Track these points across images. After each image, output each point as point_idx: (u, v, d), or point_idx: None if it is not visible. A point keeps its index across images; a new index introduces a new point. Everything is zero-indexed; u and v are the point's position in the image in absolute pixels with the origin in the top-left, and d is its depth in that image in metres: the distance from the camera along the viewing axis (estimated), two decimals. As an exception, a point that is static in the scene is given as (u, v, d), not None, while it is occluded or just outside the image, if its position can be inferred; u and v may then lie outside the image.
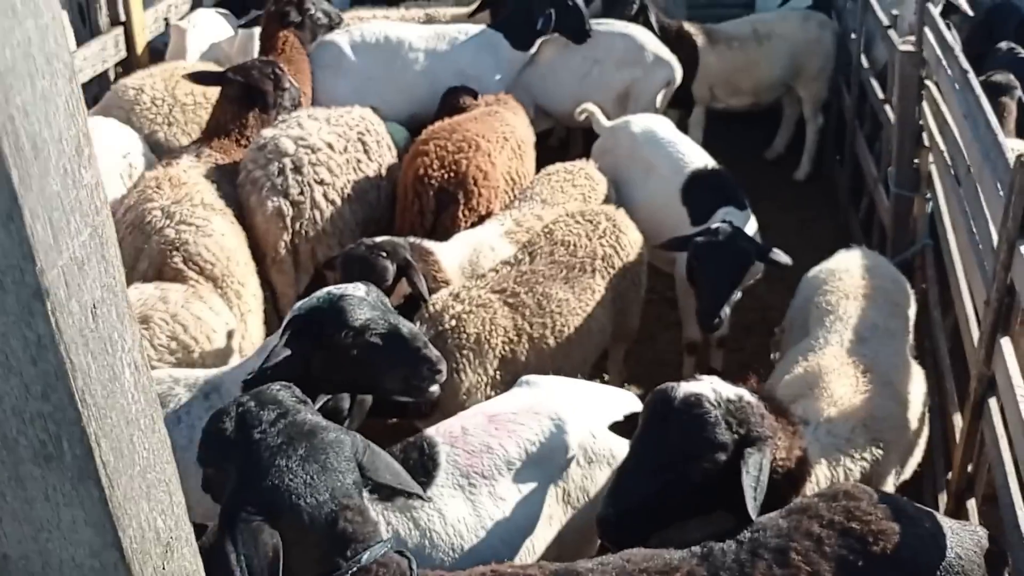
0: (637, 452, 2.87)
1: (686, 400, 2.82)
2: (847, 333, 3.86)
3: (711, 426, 2.77)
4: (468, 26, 7.35)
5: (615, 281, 4.70)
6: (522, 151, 5.89)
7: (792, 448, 3.03)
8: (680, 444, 2.77)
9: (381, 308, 3.23)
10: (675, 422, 2.79)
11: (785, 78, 8.42)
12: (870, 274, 4.23)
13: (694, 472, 2.78)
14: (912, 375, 3.80)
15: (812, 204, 8.58)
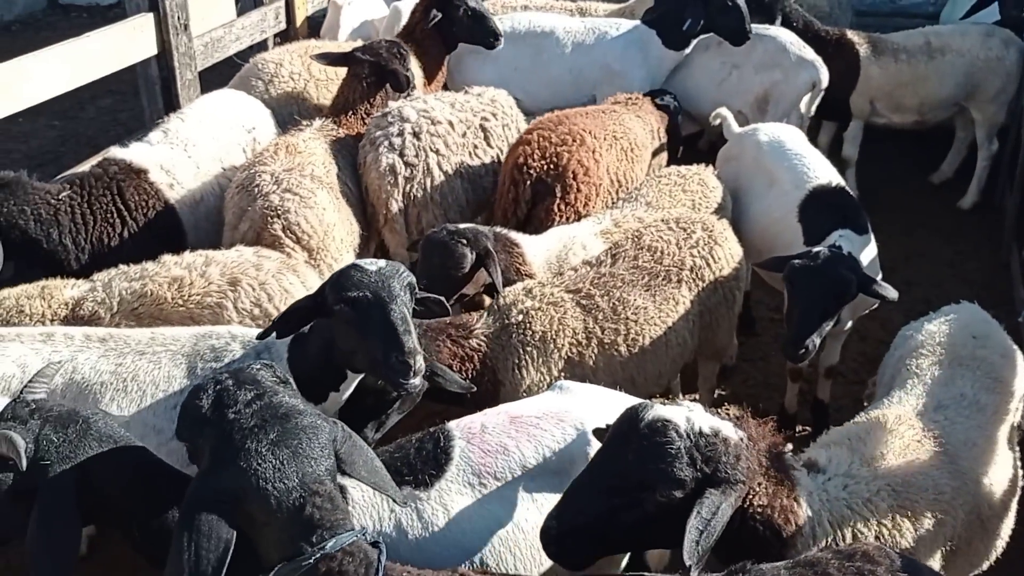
0: (593, 468, 2.73)
1: (652, 424, 2.64)
2: (923, 395, 3.46)
3: (671, 458, 2.59)
4: (622, 21, 7.22)
5: (704, 295, 4.46)
6: (635, 154, 5.71)
7: (777, 496, 2.78)
8: (636, 470, 2.61)
9: (386, 287, 3.08)
10: (636, 445, 2.63)
11: (957, 97, 7.73)
12: (976, 342, 3.75)
13: (647, 502, 2.62)
14: (995, 459, 3.34)
15: (973, 236, 7.86)
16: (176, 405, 3.53)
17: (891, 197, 8.35)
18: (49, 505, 2.56)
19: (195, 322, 4.10)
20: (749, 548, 2.65)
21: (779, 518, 2.76)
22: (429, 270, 4.29)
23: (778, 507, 2.74)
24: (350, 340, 3.16)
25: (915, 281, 7.24)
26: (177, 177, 5.06)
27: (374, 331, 3.06)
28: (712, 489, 2.57)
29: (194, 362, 3.54)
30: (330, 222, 4.84)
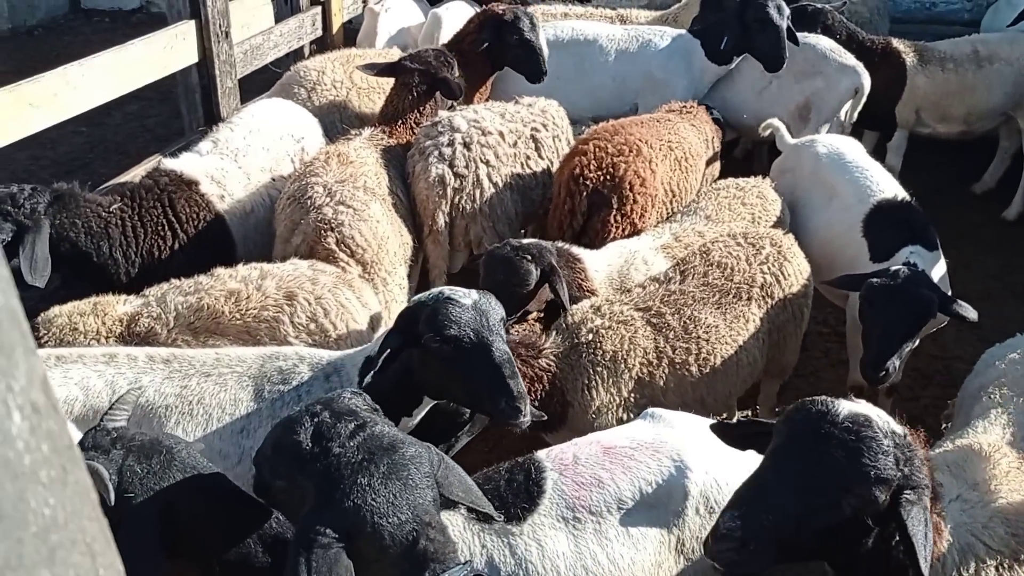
0: (778, 467, 2.47)
1: (855, 419, 2.45)
2: (1010, 424, 3.32)
3: (883, 455, 2.39)
4: (666, 29, 7.09)
5: (773, 313, 4.33)
6: (689, 164, 5.59)
7: (932, 511, 2.63)
8: (843, 468, 2.39)
9: (484, 322, 3.02)
10: (839, 441, 2.42)
11: (1005, 107, 7.59)
12: None
13: (846, 504, 2.42)
14: None
15: (1019, 247, 7.72)
16: (243, 429, 3.42)
17: (932, 208, 8.15)
18: (133, 540, 2.44)
19: (251, 336, 3.99)
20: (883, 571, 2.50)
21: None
22: (493, 287, 4.13)
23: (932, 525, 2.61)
24: (449, 376, 3.06)
25: (963, 294, 6.97)
26: (227, 188, 4.95)
27: (480, 373, 2.97)
28: (909, 493, 2.41)
29: (261, 384, 3.42)
30: (383, 235, 4.72)
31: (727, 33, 6.52)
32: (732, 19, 6.51)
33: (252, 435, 3.37)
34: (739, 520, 2.41)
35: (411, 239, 5.11)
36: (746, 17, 6.39)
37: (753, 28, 6.39)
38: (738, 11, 6.46)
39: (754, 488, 2.48)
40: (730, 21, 6.53)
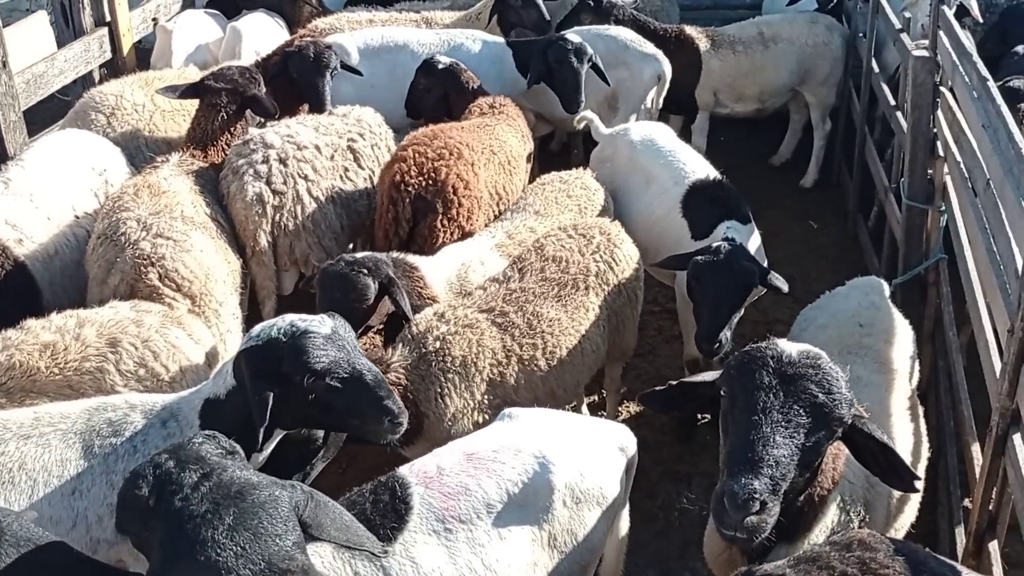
0: (763, 419, 2.46)
1: (808, 354, 2.59)
2: None
3: (840, 380, 2.57)
4: (477, 34, 7.08)
5: (610, 298, 4.45)
6: (512, 166, 5.65)
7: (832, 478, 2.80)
8: (821, 402, 2.49)
9: (347, 347, 2.97)
10: (808, 379, 2.52)
11: (792, 83, 8.14)
12: (862, 329, 3.92)
13: (829, 432, 2.54)
14: (895, 428, 3.47)
15: (820, 212, 8.31)
16: (75, 490, 3.16)
17: (738, 183, 8.66)
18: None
19: (75, 391, 3.68)
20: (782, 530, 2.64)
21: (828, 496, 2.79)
22: (332, 305, 4.03)
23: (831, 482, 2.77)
24: (322, 409, 2.96)
25: (775, 260, 7.51)
26: (25, 231, 4.54)
27: (358, 400, 2.93)
28: (855, 409, 2.59)
29: (90, 440, 3.16)
30: (210, 264, 4.48)
31: (532, 68, 6.48)
32: (537, 56, 6.48)
33: (86, 495, 3.12)
34: (754, 482, 2.37)
35: (239, 265, 4.89)
36: (548, 57, 6.39)
37: (554, 68, 6.39)
38: (542, 49, 6.46)
39: (751, 445, 2.45)
40: (535, 57, 6.49)
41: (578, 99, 6.35)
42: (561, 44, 6.32)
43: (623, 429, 3.31)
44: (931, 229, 5.51)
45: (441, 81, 6.05)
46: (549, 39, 6.49)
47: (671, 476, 5.24)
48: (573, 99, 6.36)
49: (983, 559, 3.54)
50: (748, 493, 2.34)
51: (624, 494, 3.26)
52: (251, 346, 2.93)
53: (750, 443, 2.43)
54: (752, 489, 2.34)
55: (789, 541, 2.78)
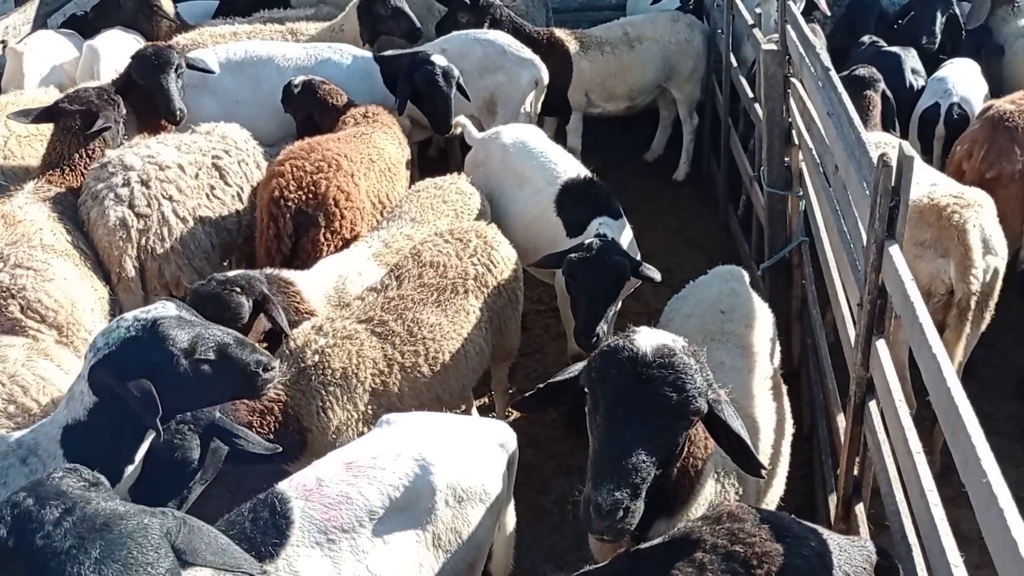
0: (621, 424, 2.55)
1: (661, 352, 2.63)
2: None
3: (694, 372, 2.65)
4: (344, 47, 6.99)
5: (490, 300, 4.50)
6: (393, 173, 5.65)
7: (707, 445, 2.91)
8: (673, 401, 2.58)
9: (196, 321, 3.01)
10: (661, 379, 2.59)
11: (658, 80, 8.40)
12: (723, 315, 4.08)
13: (684, 426, 2.64)
14: (758, 409, 3.64)
15: (693, 204, 8.60)
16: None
17: (615, 179, 8.90)
18: None
19: (-65, 435, 3.49)
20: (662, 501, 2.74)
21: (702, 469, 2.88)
22: (205, 326, 3.96)
23: (704, 456, 2.86)
24: (202, 386, 2.98)
25: (653, 253, 7.77)
26: None
27: (229, 364, 2.98)
28: (713, 395, 2.68)
29: (-60, 483, 3.00)
30: (74, 292, 4.32)
31: (400, 91, 6.36)
32: (404, 77, 6.38)
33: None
34: (615, 492, 2.47)
35: (106, 291, 4.73)
36: (416, 81, 6.33)
37: (423, 92, 6.33)
38: (408, 72, 6.38)
39: (612, 455, 2.54)
40: (402, 78, 6.39)
41: (448, 123, 6.36)
42: (429, 68, 6.26)
43: (502, 426, 3.37)
44: (792, 214, 5.78)
45: (302, 103, 5.97)
46: (414, 59, 6.40)
47: (564, 471, 5.33)
48: (443, 123, 6.37)
49: (851, 522, 3.74)
50: (612, 504, 2.47)
51: (507, 490, 3.31)
52: (106, 354, 2.85)
53: (610, 453, 2.55)
54: (615, 500, 2.47)
55: (668, 515, 2.88)
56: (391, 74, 6.64)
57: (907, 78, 7.02)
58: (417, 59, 6.46)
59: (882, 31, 8.12)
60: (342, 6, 8.49)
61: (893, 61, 7.07)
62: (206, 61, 6.35)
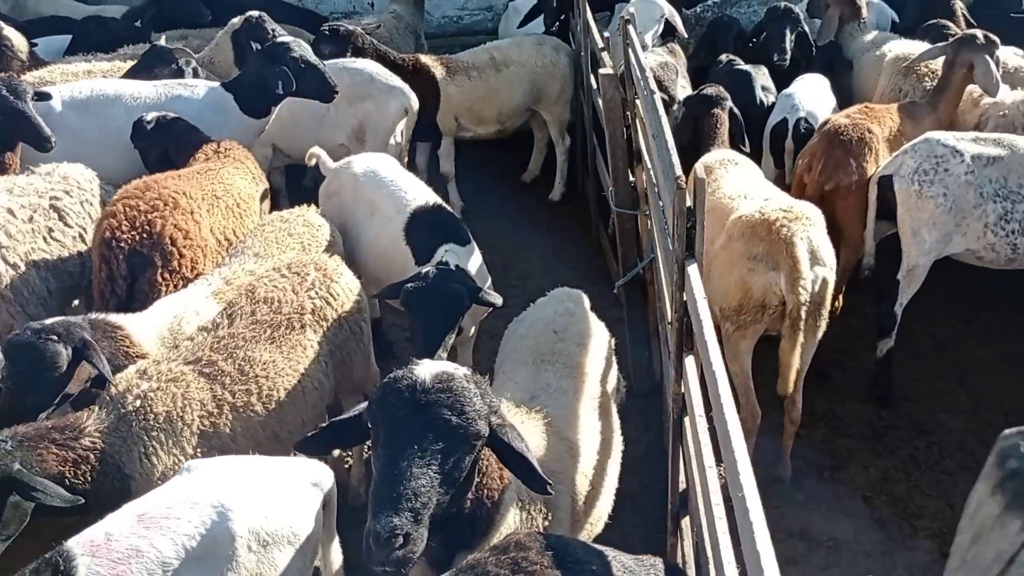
0: (402, 451, 2.54)
1: (439, 378, 2.68)
2: (519, 391, 3.79)
3: (473, 396, 2.69)
4: (199, 82, 6.87)
5: (331, 334, 4.47)
6: (243, 208, 5.57)
7: (502, 476, 2.93)
8: (454, 425, 2.61)
9: None
10: (440, 404, 2.62)
11: (527, 103, 8.51)
12: (556, 336, 4.14)
13: (468, 450, 2.65)
14: (581, 431, 3.69)
15: (567, 224, 8.72)
16: None
17: (493, 202, 9.01)
18: None
19: None
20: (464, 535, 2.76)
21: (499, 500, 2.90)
22: (20, 378, 3.83)
23: (498, 490, 2.88)
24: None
25: (528, 274, 7.87)
26: None
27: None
28: (495, 418, 2.73)
29: None
30: None
31: (275, 78, 6.28)
32: (269, 77, 6.28)
33: None
34: (392, 518, 2.45)
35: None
36: (278, 64, 6.24)
37: (296, 72, 6.24)
38: (266, 61, 6.32)
39: (390, 482, 2.52)
40: (268, 79, 6.28)
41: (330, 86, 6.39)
42: (283, 50, 6.24)
43: (317, 465, 3.34)
44: (643, 232, 5.90)
45: (155, 140, 5.85)
46: (265, 54, 6.38)
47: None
48: (326, 88, 6.37)
49: (680, 536, 3.82)
50: (389, 531, 2.44)
51: (326, 529, 3.28)
52: None
53: (389, 480, 2.53)
54: (393, 526, 2.45)
55: (469, 548, 2.89)
56: (247, 90, 6.49)
57: (757, 95, 7.26)
58: (267, 51, 6.41)
59: (740, 49, 8.40)
60: (209, 38, 8.42)
61: (744, 79, 7.31)
62: (52, 98, 6.17)
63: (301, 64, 6.33)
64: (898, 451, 5.83)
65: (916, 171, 5.75)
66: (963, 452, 5.82)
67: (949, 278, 6.68)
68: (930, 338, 6.86)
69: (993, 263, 5.97)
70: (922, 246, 5.82)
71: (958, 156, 5.72)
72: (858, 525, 5.26)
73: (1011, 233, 5.75)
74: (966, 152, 5.74)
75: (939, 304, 7.05)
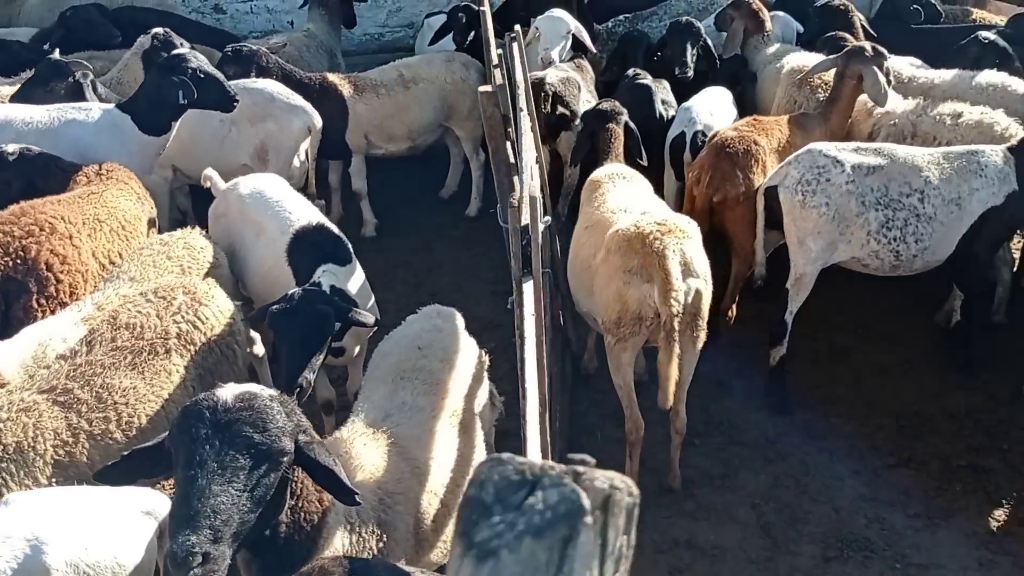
0: (201, 470, 2.53)
1: (242, 397, 2.71)
2: (373, 410, 3.80)
3: (276, 414, 2.70)
4: (93, 105, 6.77)
5: (199, 358, 4.43)
6: (128, 231, 5.51)
7: (321, 499, 2.92)
8: (256, 440, 2.61)
9: None
10: (242, 422, 2.63)
11: (438, 119, 8.54)
12: (420, 352, 4.14)
13: (274, 465, 2.66)
14: (435, 449, 3.70)
15: (482, 238, 8.73)
16: None
17: (409, 218, 9.02)
18: None
19: None
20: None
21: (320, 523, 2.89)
22: None
23: (320, 512, 2.90)
24: None
25: (438, 290, 7.87)
26: None
27: None
28: (303, 435, 2.76)
29: None
30: None
31: (174, 90, 6.23)
32: (164, 81, 6.23)
33: None
34: (191, 537, 2.44)
35: None
36: (176, 75, 6.22)
37: (196, 83, 6.20)
38: (164, 73, 6.27)
39: (189, 500, 2.51)
40: (168, 82, 6.23)
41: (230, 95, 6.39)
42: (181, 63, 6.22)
43: (151, 493, 3.31)
44: (533, 247, 5.93)
45: (17, 172, 5.73)
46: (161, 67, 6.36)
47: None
48: (226, 97, 6.36)
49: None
50: (186, 550, 2.42)
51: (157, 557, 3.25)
52: None
53: (188, 498, 2.52)
54: (190, 545, 2.43)
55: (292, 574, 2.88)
56: (145, 106, 6.40)
57: (657, 109, 7.36)
58: (164, 64, 6.37)
59: (649, 64, 8.50)
60: (115, 60, 8.36)
61: (644, 93, 7.41)
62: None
63: (200, 74, 6.31)
64: (790, 457, 5.92)
65: (799, 181, 5.86)
66: (853, 457, 5.92)
67: (853, 285, 6.83)
68: (829, 344, 6.97)
69: (879, 270, 6.10)
70: (808, 255, 5.93)
71: (839, 166, 5.84)
72: (744, 532, 5.33)
73: (893, 240, 5.88)
74: (847, 162, 5.87)
75: (840, 311, 7.20)
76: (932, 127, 6.78)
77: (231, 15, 10.88)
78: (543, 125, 7.16)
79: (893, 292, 7.21)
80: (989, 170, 5.95)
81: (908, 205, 5.85)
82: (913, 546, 5.21)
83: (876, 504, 5.51)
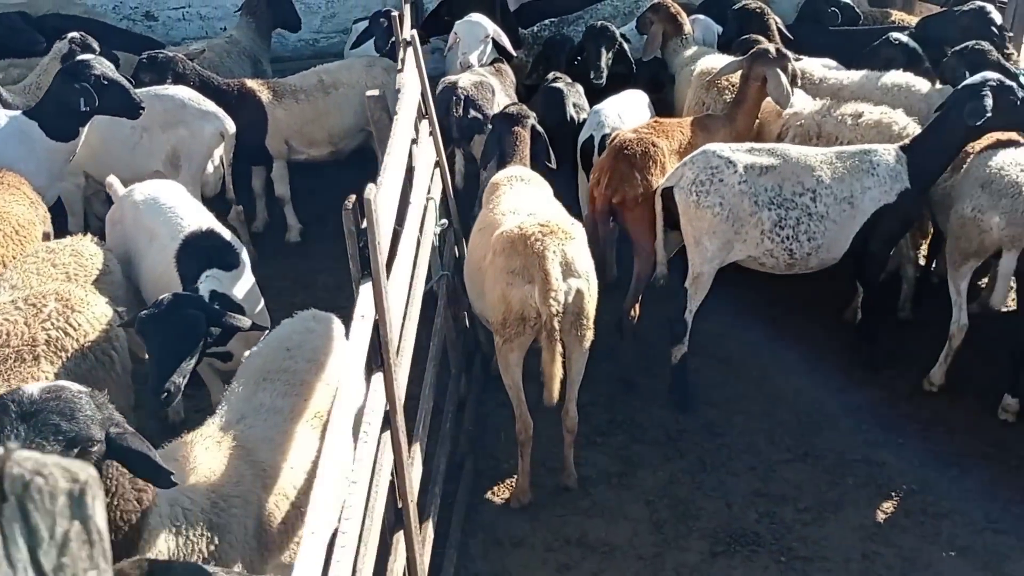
0: None
1: (49, 389, 2.78)
2: (229, 412, 3.82)
3: (85, 405, 2.78)
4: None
5: (71, 364, 4.43)
6: (21, 236, 5.51)
7: (141, 499, 2.95)
8: (65, 429, 2.68)
9: None
10: (47, 412, 2.70)
11: (360, 124, 8.53)
12: (288, 353, 4.15)
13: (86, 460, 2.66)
14: (292, 451, 3.71)
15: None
16: None
17: (336, 223, 8.98)
18: None
19: None
20: None
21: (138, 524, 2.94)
22: None
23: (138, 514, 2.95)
24: None
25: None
26: None
27: None
28: (114, 427, 2.86)
29: None
30: None
31: (78, 96, 6.22)
32: (67, 88, 6.17)
33: None
34: None
35: None
36: (79, 82, 6.22)
37: (98, 89, 6.13)
38: (67, 79, 6.21)
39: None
40: (65, 90, 6.18)
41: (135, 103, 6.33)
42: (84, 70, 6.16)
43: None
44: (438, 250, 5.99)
45: None
46: (65, 73, 6.29)
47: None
48: (131, 105, 6.31)
49: (395, 549, 3.88)
50: None
51: None
52: None
53: None
54: None
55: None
56: (51, 113, 6.34)
57: (568, 112, 7.42)
58: (67, 70, 6.32)
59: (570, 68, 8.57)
60: (32, 66, 8.32)
61: (556, 97, 7.47)
62: None
63: (103, 81, 6.25)
64: (688, 455, 5.98)
65: (694, 182, 5.93)
66: (751, 453, 6.00)
67: (765, 283, 6.91)
68: (738, 342, 7.05)
69: (775, 269, 6.19)
70: (704, 254, 6.00)
71: (732, 167, 5.92)
72: (636, 529, 5.38)
73: (786, 239, 5.96)
74: (740, 162, 5.95)
75: (751, 309, 7.27)
76: (835, 127, 6.88)
77: (163, 22, 10.83)
78: (455, 128, 7.21)
79: (803, 290, 7.30)
80: (881, 169, 6.05)
81: (800, 204, 5.94)
82: (800, 539, 5.28)
83: (768, 499, 5.59)
